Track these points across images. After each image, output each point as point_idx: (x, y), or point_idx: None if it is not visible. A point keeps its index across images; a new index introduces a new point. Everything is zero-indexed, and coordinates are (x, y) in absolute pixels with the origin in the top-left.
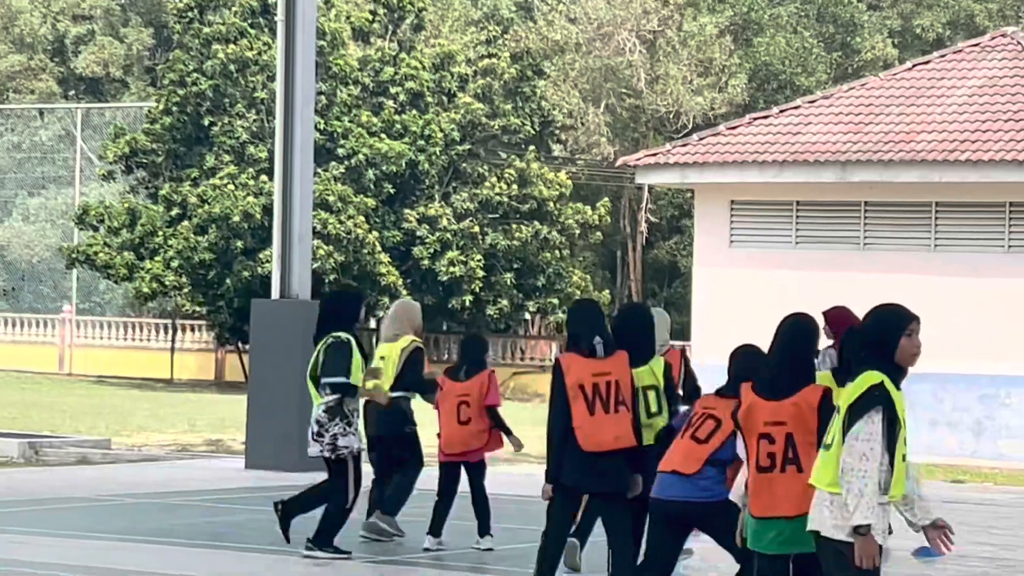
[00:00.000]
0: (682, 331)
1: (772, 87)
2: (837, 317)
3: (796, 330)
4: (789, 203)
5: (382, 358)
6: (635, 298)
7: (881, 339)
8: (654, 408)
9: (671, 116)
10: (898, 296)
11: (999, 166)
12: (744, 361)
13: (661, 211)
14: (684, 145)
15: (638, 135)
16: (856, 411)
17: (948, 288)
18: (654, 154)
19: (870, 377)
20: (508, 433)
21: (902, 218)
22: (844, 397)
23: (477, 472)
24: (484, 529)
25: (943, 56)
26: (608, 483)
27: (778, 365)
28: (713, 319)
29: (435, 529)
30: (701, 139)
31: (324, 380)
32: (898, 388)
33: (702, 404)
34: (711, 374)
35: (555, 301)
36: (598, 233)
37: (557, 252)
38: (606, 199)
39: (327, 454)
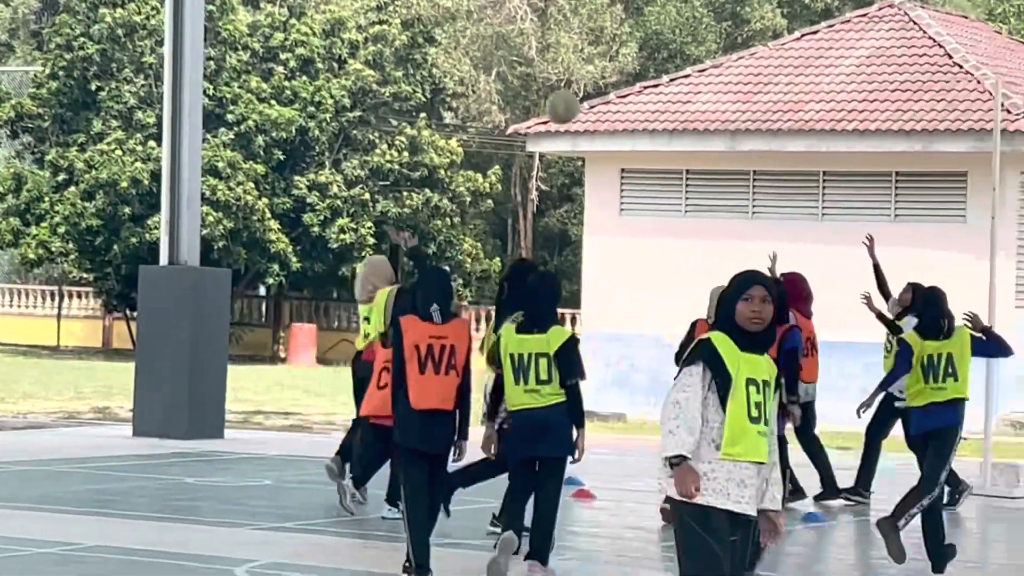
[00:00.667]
0: (572, 299)
1: (663, 56)
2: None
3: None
4: (679, 172)
5: (366, 319)
6: None
7: (725, 301)
8: (544, 375)
9: (562, 84)
10: (785, 264)
11: (885, 136)
12: None
13: (552, 179)
14: None
15: (529, 103)
16: (682, 364)
17: (835, 257)
18: (545, 122)
19: (705, 336)
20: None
21: (790, 187)
22: None
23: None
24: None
25: (831, 26)
26: (436, 445)
27: None
28: (603, 287)
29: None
30: (592, 107)
31: None
32: (744, 349)
33: None
34: (601, 342)
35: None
36: (489, 201)
37: (448, 220)
38: (497, 167)
39: None
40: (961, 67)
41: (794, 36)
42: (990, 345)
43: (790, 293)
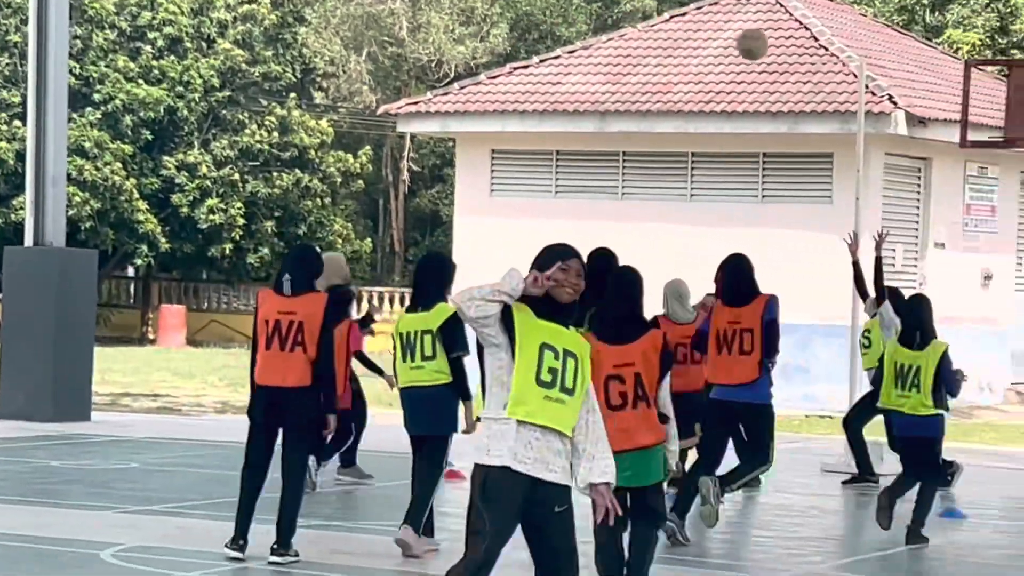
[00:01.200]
0: None
1: (533, 37)
2: None
3: (627, 281)
4: (549, 152)
5: None
6: (396, 247)
7: (540, 269)
8: (428, 352)
9: (433, 65)
10: (654, 245)
11: (753, 117)
12: None
13: (423, 160)
14: (445, 94)
15: (400, 83)
16: None
17: (703, 237)
18: (415, 103)
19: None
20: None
21: (659, 168)
22: None
23: None
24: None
25: (699, 8)
26: (283, 420)
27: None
28: (473, 268)
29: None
30: (462, 88)
31: None
32: (542, 316)
33: None
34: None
35: (313, 245)
36: (360, 181)
37: (318, 200)
38: (368, 147)
39: None
40: (827, 49)
41: (663, 18)
42: (948, 380)
43: None
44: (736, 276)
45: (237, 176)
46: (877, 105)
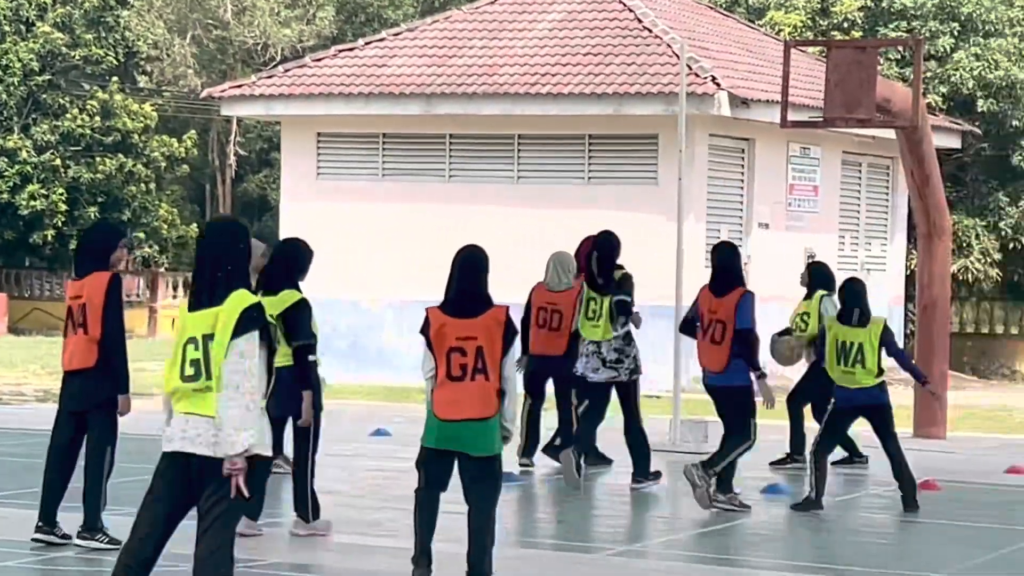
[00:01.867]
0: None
1: (360, 20)
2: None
3: (472, 260)
4: (375, 135)
5: None
6: None
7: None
8: (277, 338)
9: (259, 48)
10: (481, 227)
11: (578, 99)
12: None
13: (250, 144)
14: (270, 77)
15: (226, 67)
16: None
17: (530, 218)
18: (240, 86)
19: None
20: None
21: (486, 150)
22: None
23: None
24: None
25: None
26: (78, 402)
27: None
28: None
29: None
30: (287, 71)
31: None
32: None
33: None
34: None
35: (141, 235)
36: (185, 166)
37: (143, 185)
38: (193, 132)
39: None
40: (650, 31)
41: (488, 0)
42: (904, 359)
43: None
44: (717, 266)
45: (59, 161)
46: (700, 86)
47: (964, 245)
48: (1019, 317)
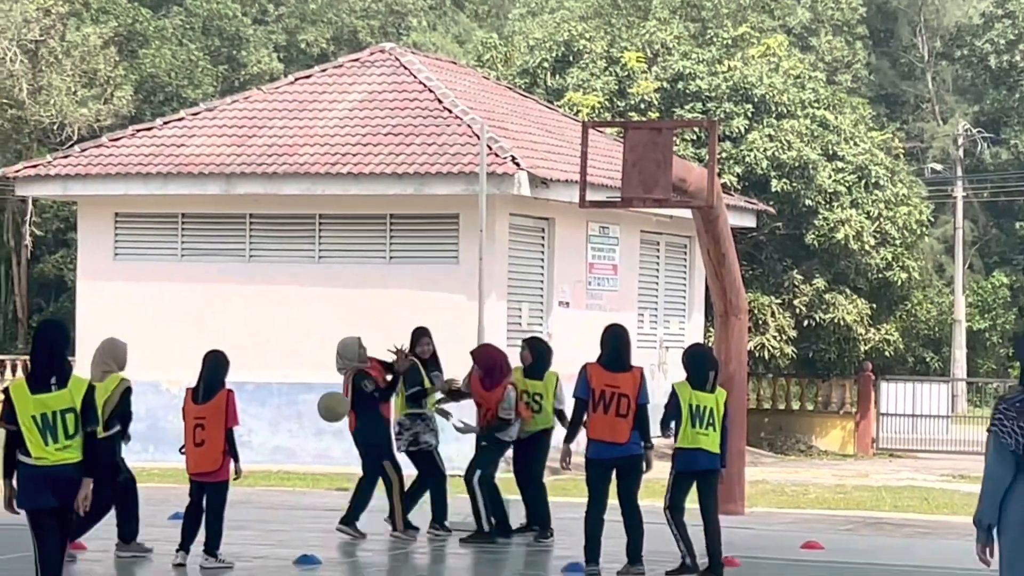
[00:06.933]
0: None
1: (159, 99)
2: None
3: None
4: (175, 215)
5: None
6: (19, 314)
7: None
8: (72, 431)
9: (55, 127)
10: (283, 306)
11: (379, 179)
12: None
13: (47, 224)
14: (66, 156)
15: (21, 146)
16: None
17: (332, 297)
18: (35, 165)
19: None
20: (236, 458)
21: (287, 230)
22: None
23: (215, 492)
24: (210, 547)
25: (324, 70)
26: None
27: None
28: (98, 334)
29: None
30: (83, 151)
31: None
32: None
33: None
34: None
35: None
36: None
37: None
38: None
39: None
40: (451, 111)
41: (288, 80)
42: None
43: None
44: (614, 344)
45: None
46: (500, 166)
47: (760, 322)
48: (814, 393)
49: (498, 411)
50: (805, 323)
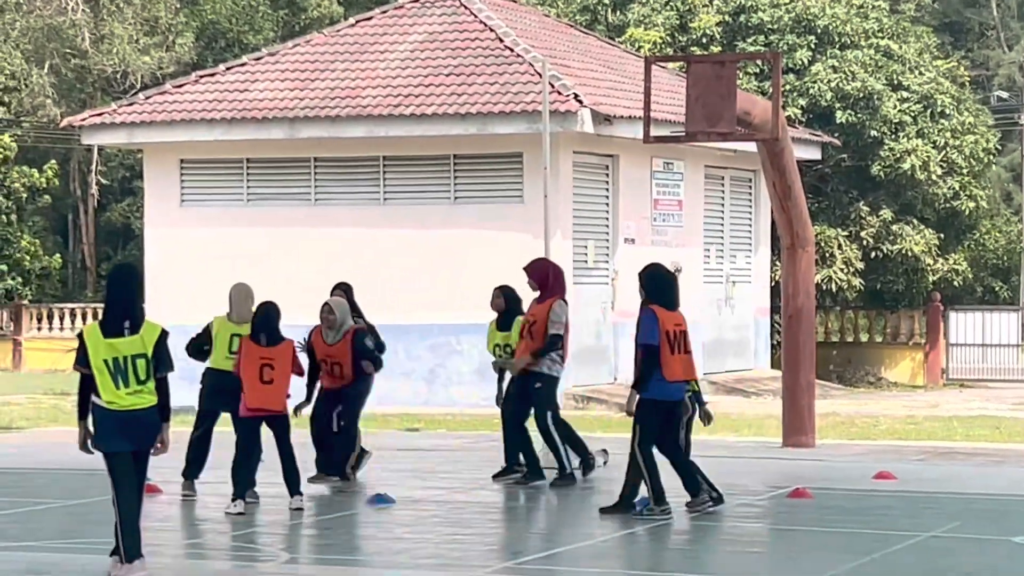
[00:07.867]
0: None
1: (220, 45)
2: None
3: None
4: (239, 160)
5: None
6: (88, 262)
7: None
8: (143, 376)
9: (118, 76)
10: (349, 250)
11: (442, 119)
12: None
13: (112, 172)
14: (131, 104)
15: (85, 96)
16: None
17: (397, 240)
18: (100, 114)
19: None
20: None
21: (351, 173)
22: None
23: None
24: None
25: (385, 12)
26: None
27: None
28: (167, 279)
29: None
30: (148, 98)
31: None
32: None
33: None
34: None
35: (3, 268)
36: (47, 197)
37: (4, 217)
38: (53, 162)
39: None
40: (512, 50)
41: (349, 23)
42: None
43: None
44: (669, 284)
45: None
46: (563, 104)
47: (827, 255)
48: (883, 325)
49: (547, 326)
50: (872, 255)
